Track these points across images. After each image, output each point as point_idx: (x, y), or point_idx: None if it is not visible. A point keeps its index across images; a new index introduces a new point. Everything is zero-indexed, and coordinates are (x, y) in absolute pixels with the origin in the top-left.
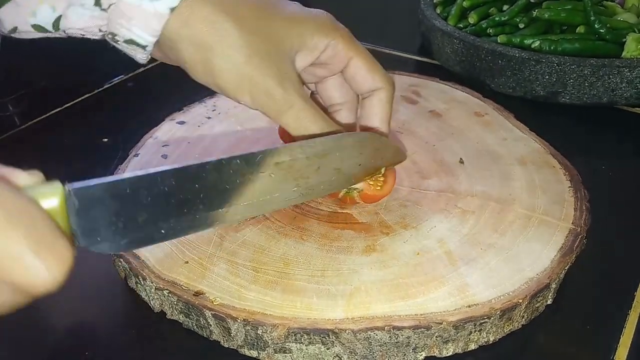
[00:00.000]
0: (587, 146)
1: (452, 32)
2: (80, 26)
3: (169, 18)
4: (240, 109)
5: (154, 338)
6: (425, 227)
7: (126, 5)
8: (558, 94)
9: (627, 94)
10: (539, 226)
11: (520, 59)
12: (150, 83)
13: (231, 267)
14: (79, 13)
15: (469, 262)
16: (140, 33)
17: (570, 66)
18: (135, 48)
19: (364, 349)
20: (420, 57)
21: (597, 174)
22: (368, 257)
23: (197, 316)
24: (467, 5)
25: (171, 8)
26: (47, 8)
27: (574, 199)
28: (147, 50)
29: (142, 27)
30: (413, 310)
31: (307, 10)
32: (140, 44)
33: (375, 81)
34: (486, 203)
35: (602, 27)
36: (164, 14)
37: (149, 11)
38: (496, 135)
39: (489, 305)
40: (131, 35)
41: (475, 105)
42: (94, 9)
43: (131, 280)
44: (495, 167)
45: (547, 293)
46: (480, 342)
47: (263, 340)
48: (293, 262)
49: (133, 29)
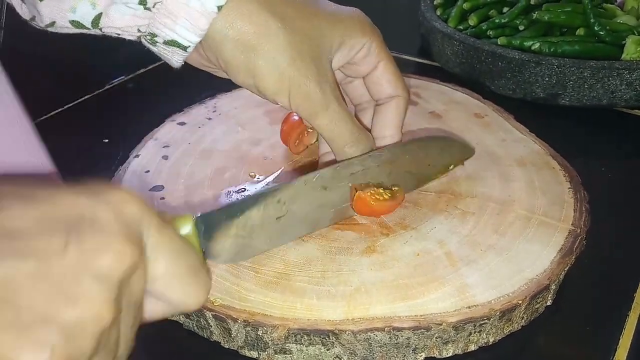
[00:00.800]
0: (586, 148)
1: (452, 34)
2: (120, 25)
3: (216, 17)
4: (240, 110)
5: (154, 339)
6: (425, 228)
7: (173, 3)
8: (558, 96)
9: (626, 96)
10: (538, 227)
11: (520, 60)
12: (151, 84)
13: (232, 268)
14: (122, 11)
15: (468, 263)
16: (184, 33)
17: (570, 68)
18: (174, 50)
19: (364, 350)
20: (421, 58)
21: (596, 176)
22: (368, 258)
23: (197, 317)
24: (468, 7)
25: (219, 6)
26: (88, 5)
27: (573, 200)
28: (188, 52)
29: (187, 26)
30: (413, 311)
31: (345, 8)
32: (182, 44)
33: (397, 89)
34: (486, 204)
35: (601, 30)
36: (212, 12)
37: (196, 9)
38: (496, 137)
39: (488, 306)
40: (174, 35)
41: (475, 107)
42: (137, 8)
43: None
44: (495, 169)
45: (547, 294)
46: (480, 343)
47: (263, 341)
48: (293, 263)
49: (177, 28)
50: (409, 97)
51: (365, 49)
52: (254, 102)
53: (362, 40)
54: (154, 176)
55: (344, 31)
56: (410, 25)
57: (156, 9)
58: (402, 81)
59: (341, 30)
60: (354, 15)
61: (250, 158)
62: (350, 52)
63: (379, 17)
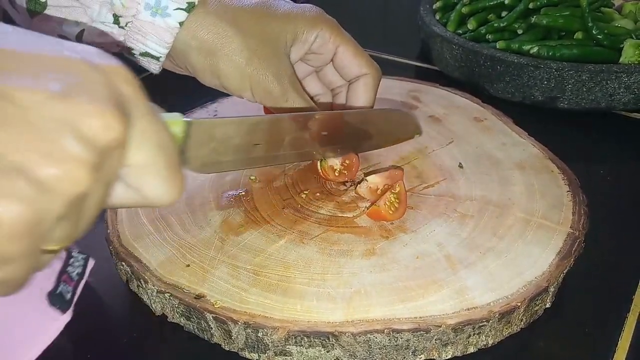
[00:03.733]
0: (585, 151)
1: (451, 38)
2: (100, 41)
3: (179, 31)
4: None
5: (155, 341)
6: (425, 231)
7: (141, 22)
8: (556, 99)
9: (625, 99)
10: (537, 230)
11: (519, 64)
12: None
13: (232, 271)
14: (100, 29)
15: (468, 265)
16: (154, 46)
17: (568, 72)
18: (149, 60)
19: (364, 352)
20: (420, 62)
21: (595, 179)
22: (368, 260)
23: (198, 319)
24: (466, 11)
25: (180, 22)
26: (72, 23)
27: (572, 203)
28: (160, 61)
29: (155, 40)
30: (412, 313)
31: (297, 6)
32: (154, 55)
33: (361, 67)
34: (485, 207)
35: (600, 33)
36: (175, 27)
37: (161, 26)
38: (495, 140)
39: (487, 309)
40: (146, 48)
41: (475, 111)
42: (113, 27)
43: (133, 284)
44: (495, 172)
45: (546, 296)
46: (479, 345)
47: (263, 343)
48: (293, 265)
49: (148, 42)
50: (378, 74)
51: (320, 39)
52: (254, 106)
53: (314, 31)
54: None
55: (296, 27)
56: (410, 29)
57: (128, 27)
58: (366, 59)
59: (293, 27)
60: (305, 11)
61: None
62: (305, 45)
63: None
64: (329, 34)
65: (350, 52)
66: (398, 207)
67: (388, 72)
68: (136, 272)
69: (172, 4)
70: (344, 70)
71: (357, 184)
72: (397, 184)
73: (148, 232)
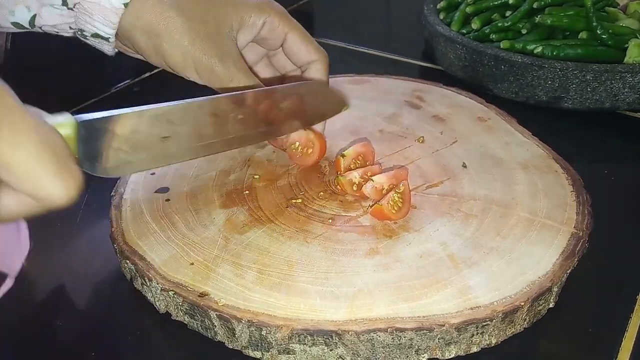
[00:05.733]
0: (589, 151)
1: (455, 37)
2: (53, 23)
3: (124, 12)
4: None
5: (159, 339)
6: (429, 230)
7: (88, 3)
8: (561, 99)
9: (629, 99)
10: (541, 230)
11: (523, 64)
12: (156, 87)
13: (236, 269)
14: (50, 12)
15: (471, 265)
16: (101, 27)
17: (572, 71)
18: (101, 41)
19: (367, 351)
20: (424, 62)
21: (599, 179)
22: (371, 259)
23: (202, 317)
24: (470, 11)
25: (125, 3)
26: (23, 8)
27: (576, 203)
28: (111, 42)
29: (102, 21)
30: (416, 312)
31: None
32: (104, 36)
33: (310, 53)
34: (489, 207)
35: (604, 33)
36: (120, 8)
37: (106, 7)
38: (499, 140)
39: (491, 308)
40: (95, 29)
41: (478, 110)
42: (62, 8)
43: (137, 282)
44: (498, 172)
45: (549, 296)
46: (483, 345)
47: (267, 341)
48: (297, 264)
49: (96, 23)
50: (327, 60)
51: (268, 24)
52: None
53: (261, 17)
54: (159, 178)
55: (242, 12)
56: (414, 29)
57: (76, 9)
58: (314, 46)
59: (239, 12)
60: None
61: (254, 160)
62: (252, 29)
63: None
64: (277, 20)
65: (298, 39)
66: (402, 207)
67: (392, 72)
68: (140, 270)
69: None
70: (294, 56)
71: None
72: (402, 183)
73: (152, 231)
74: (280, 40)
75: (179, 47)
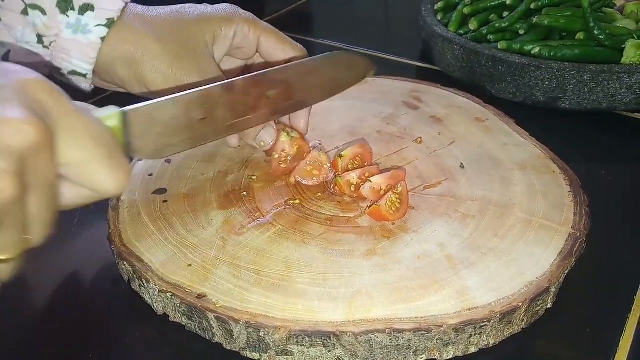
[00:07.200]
0: (586, 151)
1: (452, 38)
2: (28, 61)
3: (101, 46)
4: None
5: (157, 341)
6: (426, 231)
7: (64, 41)
8: (558, 100)
9: (626, 100)
10: (538, 230)
11: (521, 65)
12: None
13: (234, 270)
14: (25, 51)
15: (469, 265)
16: (79, 63)
17: (570, 72)
18: (78, 78)
19: (365, 352)
20: (422, 63)
21: (596, 179)
22: (369, 260)
23: (199, 318)
24: (468, 12)
25: (102, 37)
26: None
27: (573, 203)
28: (88, 78)
29: (80, 57)
30: (414, 313)
31: (212, 7)
32: (81, 73)
33: (287, 52)
34: (486, 207)
35: (601, 34)
36: (97, 43)
37: (83, 43)
38: (497, 141)
39: (489, 309)
40: (72, 66)
41: (476, 111)
42: (37, 47)
43: (135, 283)
44: (496, 172)
45: (547, 297)
46: (481, 346)
47: (265, 343)
48: (295, 265)
49: (73, 60)
50: (303, 53)
51: (239, 33)
52: None
53: (232, 26)
54: (157, 179)
55: (213, 26)
56: (412, 30)
57: (52, 47)
58: (290, 44)
59: (210, 27)
60: (220, 10)
61: (252, 161)
62: (225, 41)
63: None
64: (247, 27)
65: (272, 40)
66: (399, 207)
67: (390, 72)
68: (138, 271)
69: (92, 21)
70: (271, 58)
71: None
72: (399, 184)
73: (150, 232)
74: (254, 46)
75: (160, 73)
